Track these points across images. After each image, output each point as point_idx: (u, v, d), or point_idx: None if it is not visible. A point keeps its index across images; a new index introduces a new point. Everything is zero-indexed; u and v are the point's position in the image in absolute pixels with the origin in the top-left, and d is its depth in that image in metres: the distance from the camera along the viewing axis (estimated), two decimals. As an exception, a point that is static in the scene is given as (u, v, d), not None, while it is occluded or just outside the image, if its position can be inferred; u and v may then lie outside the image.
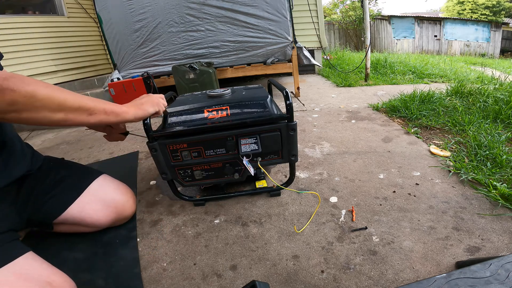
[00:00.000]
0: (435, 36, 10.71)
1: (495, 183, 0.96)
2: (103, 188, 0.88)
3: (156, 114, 0.81)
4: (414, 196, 0.99)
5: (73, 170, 0.88)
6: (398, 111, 1.88)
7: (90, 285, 0.74)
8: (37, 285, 0.57)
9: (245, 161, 0.85)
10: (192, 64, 2.23)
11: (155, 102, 0.80)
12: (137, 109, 0.75)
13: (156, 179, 1.27)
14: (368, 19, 3.04)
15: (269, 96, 0.93)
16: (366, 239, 0.81)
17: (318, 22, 3.87)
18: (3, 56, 0.75)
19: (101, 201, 0.85)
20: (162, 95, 0.87)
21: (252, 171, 0.86)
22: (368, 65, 3.17)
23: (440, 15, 13.26)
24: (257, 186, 1.09)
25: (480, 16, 12.16)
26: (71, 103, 0.59)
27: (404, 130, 1.60)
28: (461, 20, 11.02)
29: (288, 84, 3.35)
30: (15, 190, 0.76)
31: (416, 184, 1.06)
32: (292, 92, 2.71)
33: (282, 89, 0.89)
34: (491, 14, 12.15)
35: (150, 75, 2.37)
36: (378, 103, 2.13)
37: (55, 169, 0.85)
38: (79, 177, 0.86)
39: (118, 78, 2.53)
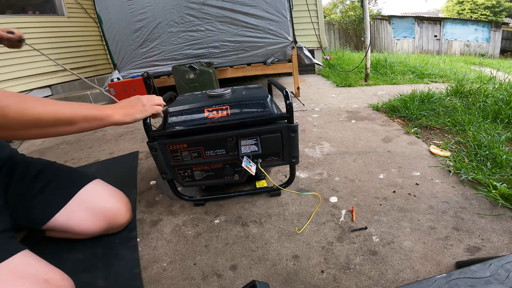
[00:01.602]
0: (435, 36, 10.71)
1: (495, 183, 0.96)
2: (93, 196, 0.84)
3: (154, 115, 0.79)
4: (414, 196, 0.99)
5: (62, 174, 0.84)
6: (398, 111, 1.88)
7: (90, 285, 0.74)
8: (34, 282, 0.56)
9: (244, 162, 0.84)
10: (192, 64, 2.23)
11: (142, 110, 0.74)
12: (124, 115, 0.70)
13: (156, 179, 1.27)
14: (368, 19, 3.04)
15: (269, 96, 0.93)
16: (366, 239, 0.81)
17: (318, 22, 3.87)
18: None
19: (89, 209, 0.81)
20: (160, 98, 0.83)
21: (253, 169, 0.85)
22: (368, 65, 3.18)
23: (440, 15, 13.26)
24: (257, 186, 1.09)
25: (480, 16, 12.15)
26: (46, 118, 0.54)
27: (404, 130, 1.60)
28: (461, 20, 11.01)
29: (288, 84, 3.35)
30: (1, 191, 0.74)
31: (416, 184, 1.06)
32: (292, 92, 2.71)
33: (282, 89, 0.89)
34: (491, 14, 12.15)
35: (150, 75, 2.37)
36: (378, 103, 2.13)
37: (43, 173, 0.81)
38: (67, 182, 0.82)
39: (118, 78, 2.53)
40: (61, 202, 0.78)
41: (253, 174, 0.87)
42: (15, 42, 0.90)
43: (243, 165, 0.84)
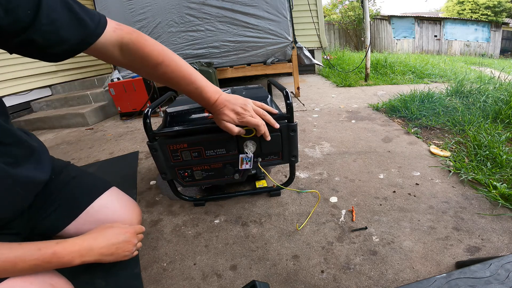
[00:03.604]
0: (435, 36, 10.73)
1: (495, 183, 0.96)
2: (105, 209, 0.80)
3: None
4: (414, 196, 0.99)
5: (75, 183, 0.80)
6: (398, 111, 1.88)
7: (90, 285, 0.74)
8: (42, 287, 0.57)
9: (243, 155, 0.84)
10: (192, 64, 2.23)
11: (122, 255, 0.70)
12: (97, 255, 0.64)
13: (156, 179, 1.27)
14: (368, 19, 3.05)
15: (269, 96, 0.93)
16: (366, 239, 0.81)
17: (318, 22, 3.88)
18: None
19: (100, 222, 0.77)
20: (136, 232, 0.76)
21: (244, 166, 0.84)
22: (368, 65, 3.18)
23: (440, 15, 13.27)
24: (257, 186, 1.09)
25: (481, 16, 12.16)
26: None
27: (404, 130, 1.60)
28: (461, 20, 11.03)
29: (288, 84, 3.35)
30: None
31: (416, 184, 1.06)
32: (292, 92, 2.71)
33: (282, 89, 0.88)
34: (492, 14, 12.15)
35: (150, 75, 2.37)
36: (378, 103, 2.13)
37: (56, 180, 0.77)
38: (80, 193, 0.78)
39: (118, 78, 2.53)
40: (71, 216, 0.75)
41: (240, 168, 0.86)
42: None
43: (240, 155, 0.83)
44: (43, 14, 0.46)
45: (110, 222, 0.79)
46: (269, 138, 0.80)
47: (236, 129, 0.76)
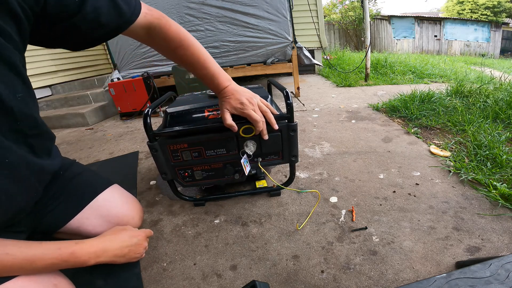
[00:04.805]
0: (435, 36, 10.73)
1: (495, 183, 0.96)
2: (108, 203, 0.81)
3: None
4: (414, 196, 0.99)
5: (78, 180, 0.80)
6: (398, 111, 1.88)
7: (91, 285, 0.74)
8: (46, 287, 0.58)
9: (243, 159, 0.84)
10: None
11: (133, 257, 0.73)
12: (111, 257, 0.67)
13: (156, 179, 1.27)
14: (368, 19, 3.04)
15: (269, 96, 0.93)
16: (366, 239, 0.81)
17: (318, 22, 3.88)
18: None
19: (102, 217, 0.79)
20: (146, 235, 0.80)
21: (247, 170, 0.85)
22: (368, 65, 3.18)
23: (440, 15, 13.27)
24: (257, 186, 1.09)
25: (480, 16, 12.16)
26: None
27: (404, 130, 1.60)
28: (461, 20, 11.04)
29: (288, 84, 3.35)
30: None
31: (416, 184, 1.06)
32: (292, 92, 2.71)
33: (282, 89, 0.88)
34: (491, 14, 12.16)
35: (150, 75, 2.37)
36: (378, 103, 2.13)
37: (60, 177, 0.77)
38: (83, 189, 0.80)
39: (118, 78, 2.54)
40: (75, 210, 0.76)
41: (246, 174, 0.87)
42: None
43: (242, 161, 0.84)
44: (88, 3, 0.50)
45: (113, 216, 0.80)
46: (266, 137, 0.81)
47: (228, 121, 0.77)
